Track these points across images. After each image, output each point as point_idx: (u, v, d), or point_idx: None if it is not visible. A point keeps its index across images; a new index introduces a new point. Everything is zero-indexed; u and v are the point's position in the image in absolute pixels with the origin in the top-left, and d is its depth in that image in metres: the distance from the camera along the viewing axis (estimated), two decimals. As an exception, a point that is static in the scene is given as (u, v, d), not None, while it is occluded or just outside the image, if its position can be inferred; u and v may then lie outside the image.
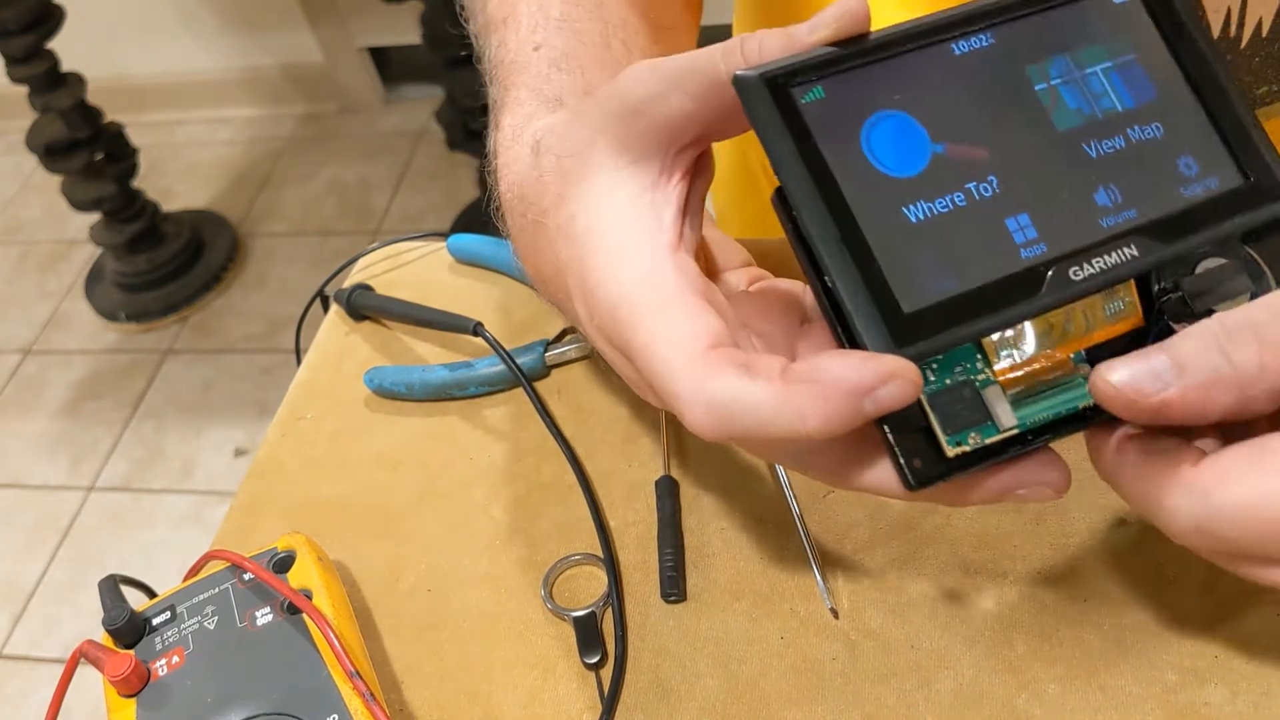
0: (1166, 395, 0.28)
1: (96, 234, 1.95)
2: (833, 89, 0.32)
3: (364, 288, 0.61)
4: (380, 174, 2.18)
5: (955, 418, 0.32)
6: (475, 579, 0.48)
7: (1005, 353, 0.32)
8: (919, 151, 0.32)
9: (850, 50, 0.32)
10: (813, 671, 0.43)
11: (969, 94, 0.32)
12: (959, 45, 0.33)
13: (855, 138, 0.31)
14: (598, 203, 0.33)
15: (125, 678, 0.42)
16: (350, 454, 0.55)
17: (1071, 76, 0.33)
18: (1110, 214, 0.32)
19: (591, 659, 0.44)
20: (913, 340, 0.30)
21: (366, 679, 0.42)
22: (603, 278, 0.32)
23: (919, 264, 0.31)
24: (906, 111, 0.32)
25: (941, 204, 0.31)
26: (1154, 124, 0.33)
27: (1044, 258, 0.31)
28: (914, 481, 0.31)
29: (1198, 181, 0.32)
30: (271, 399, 1.78)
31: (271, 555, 0.46)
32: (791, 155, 0.31)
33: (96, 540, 1.69)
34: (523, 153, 0.37)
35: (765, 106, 0.31)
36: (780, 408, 0.28)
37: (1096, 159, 0.32)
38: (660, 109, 0.32)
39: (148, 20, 2.25)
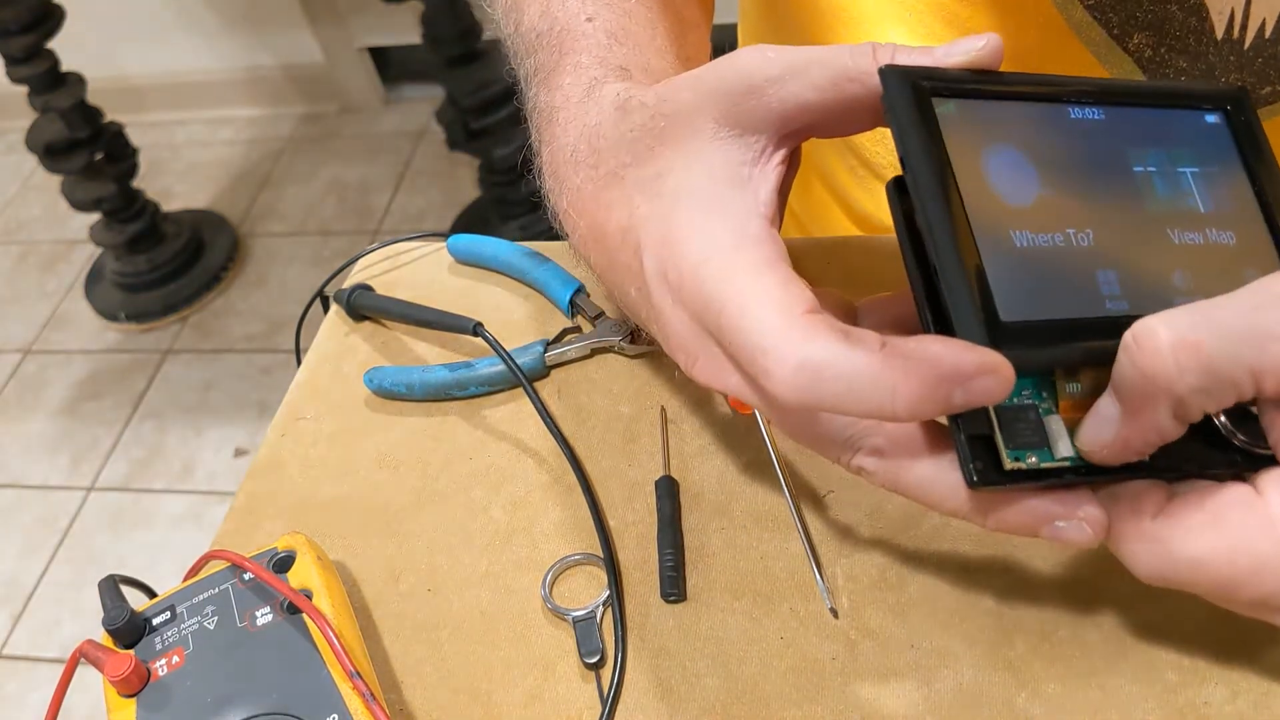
0: (1120, 435, 0.30)
1: (96, 234, 1.95)
2: (964, 108, 0.33)
3: (364, 288, 0.61)
4: (380, 174, 2.18)
5: (1018, 435, 0.32)
6: (475, 579, 0.48)
7: (1072, 387, 0.33)
8: (1029, 188, 0.33)
9: (983, 80, 0.34)
10: (813, 671, 0.43)
11: (1078, 154, 0.34)
12: (1076, 110, 0.35)
13: (978, 156, 0.33)
14: (695, 164, 0.33)
15: (125, 678, 0.42)
16: (350, 454, 0.55)
17: (1164, 169, 0.35)
18: (1182, 295, 0.33)
19: (591, 659, 0.44)
20: (1009, 345, 0.30)
21: (366, 679, 0.42)
22: (693, 233, 0.32)
23: (1020, 283, 0.32)
24: (1022, 151, 0.33)
25: (1044, 239, 0.32)
26: (1228, 232, 0.35)
27: (1125, 313, 0.32)
28: (976, 479, 0.32)
29: None
30: (271, 399, 1.78)
31: (271, 555, 0.46)
32: (924, 150, 0.32)
33: (96, 540, 1.69)
34: (603, 106, 0.37)
35: (905, 100, 0.32)
36: (875, 379, 0.28)
37: (1177, 245, 0.34)
38: (779, 91, 0.33)
39: (148, 20, 2.25)
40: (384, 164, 2.20)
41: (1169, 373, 0.28)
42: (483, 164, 1.87)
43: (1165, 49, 0.44)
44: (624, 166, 0.35)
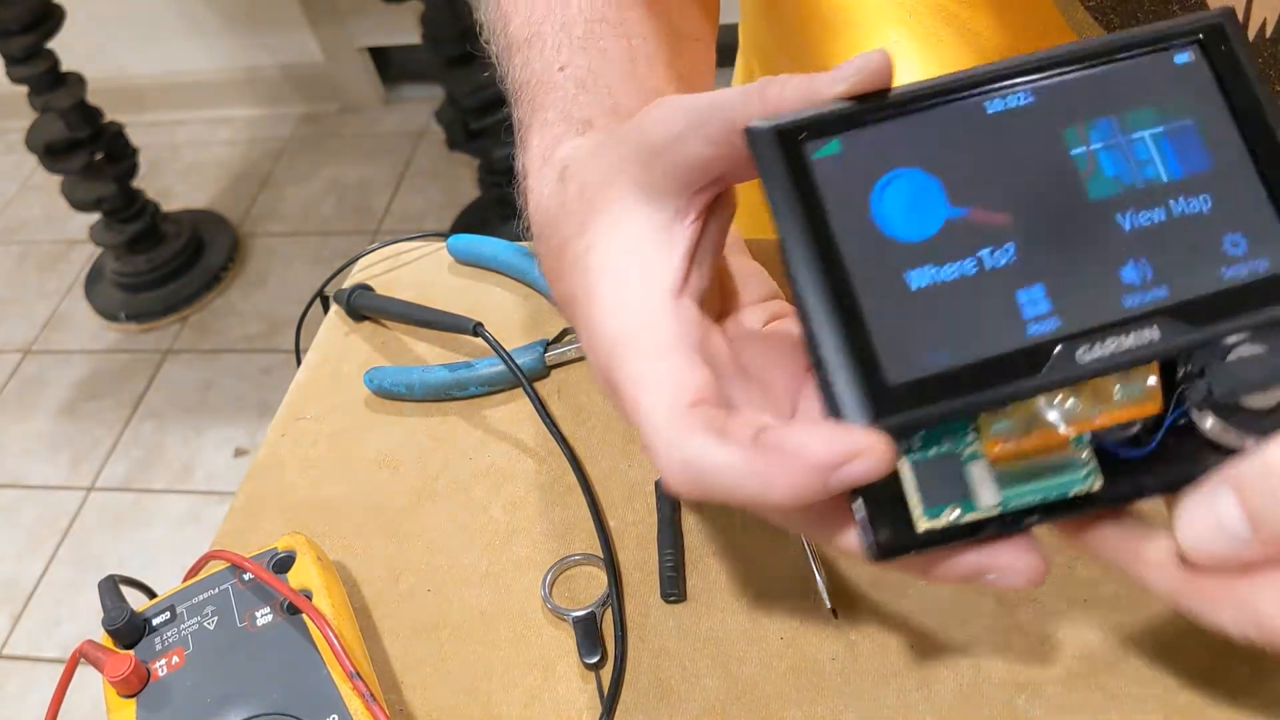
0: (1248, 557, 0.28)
1: (96, 234, 1.95)
2: (850, 143, 0.31)
3: (364, 288, 0.61)
4: (380, 174, 2.18)
5: (934, 491, 0.30)
6: (475, 579, 0.48)
7: (999, 426, 0.31)
8: (933, 213, 0.30)
9: (873, 104, 0.31)
10: (813, 672, 0.43)
11: (997, 155, 0.31)
12: (994, 103, 0.31)
13: (865, 196, 0.30)
14: (611, 238, 0.33)
15: (125, 678, 0.42)
16: (350, 454, 0.55)
17: (1114, 141, 0.31)
18: (1136, 291, 0.30)
19: (591, 659, 0.44)
20: (893, 412, 0.29)
21: (366, 679, 0.42)
22: (604, 315, 0.33)
23: (915, 333, 0.30)
24: (925, 170, 0.31)
25: (949, 271, 0.30)
26: (1202, 196, 0.31)
27: (1053, 334, 0.29)
28: (876, 554, 0.30)
29: (1244, 262, 0.30)
30: (271, 399, 1.78)
31: (271, 555, 0.46)
32: (793, 213, 0.30)
33: (96, 540, 1.69)
34: (550, 177, 0.37)
35: (773, 161, 0.30)
36: (749, 475, 0.29)
37: (1129, 231, 0.30)
38: (680, 151, 0.32)
39: (148, 20, 2.25)
40: (384, 164, 2.20)
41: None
42: (483, 164, 1.87)
43: None
44: (565, 240, 0.35)
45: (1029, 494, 0.30)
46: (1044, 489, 0.30)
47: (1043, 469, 0.31)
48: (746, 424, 0.30)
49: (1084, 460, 0.31)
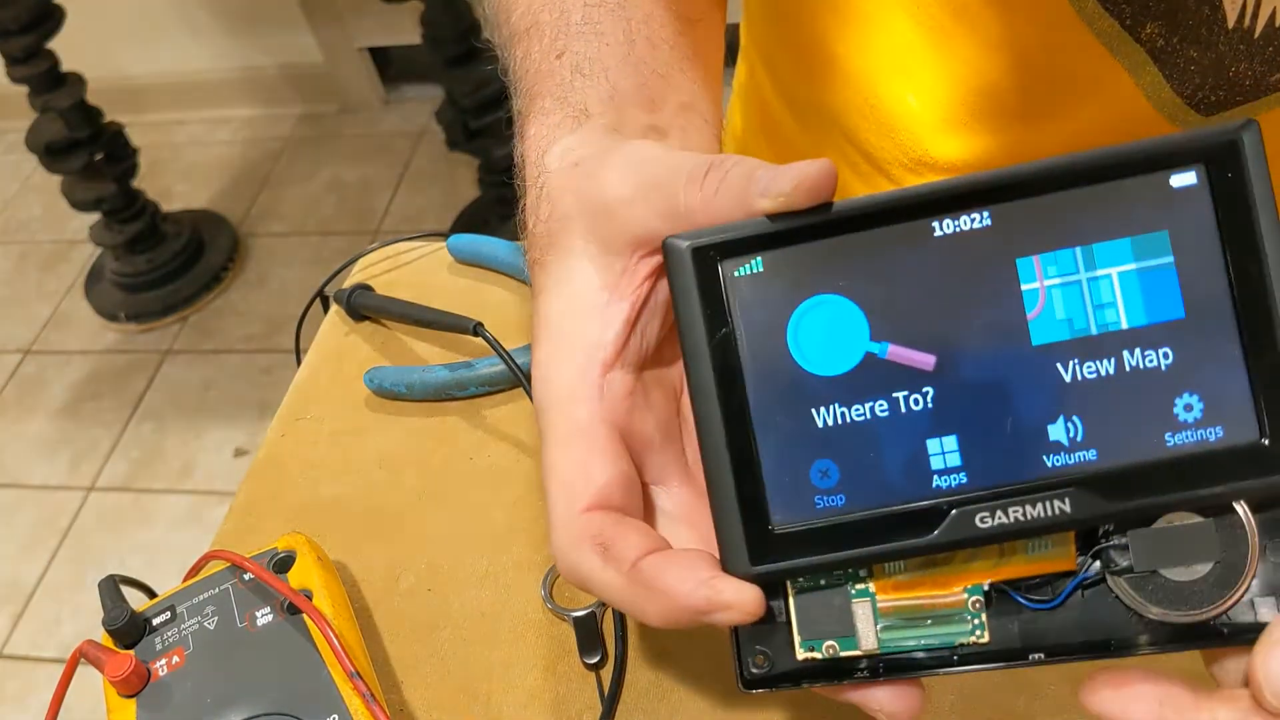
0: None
1: (96, 234, 1.95)
2: (774, 263, 0.29)
3: (364, 288, 0.61)
4: (380, 174, 2.18)
5: (816, 624, 0.30)
6: (475, 579, 0.48)
7: (894, 569, 0.30)
8: (853, 347, 0.28)
9: (808, 220, 0.29)
10: (813, 671, 0.43)
11: (935, 286, 0.28)
12: (943, 224, 0.28)
13: (783, 322, 0.29)
14: (561, 288, 0.34)
15: (125, 678, 0.42)
16: (350, 454, 0.55)
17: (1074, 277, 0.28)
18: (1062, 452, 0.28)
19: (591, 659, 0.44)
20: (773, 559, 0.28)
21: (366, 679, 0.42)
22: (538, 373, 0.33)
23: (811, 474, 0.28)
24: (851, 299, 0.28)
25: (859, 411, 0.28)
26: (1163, 349, 0.27)
27: (956, 493, 0.28)
28: (743, 684, 0.30)
29: (1194, 429, 0.27)
30: (271, 399, 1.78)
31: (271, 555, 0.46)
32: (699, 335, 0.29)
33: (96, 540, 1.69)
34: (535, 187, 0.37)
35: (684, 279, 0.29)
36: (625, 599, 0.30)
37: (1070, 383, 0.28)
38: (628, 214, 0.32)
39: (148, 20, 2.25)
40: (384, 164, 2.20)
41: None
42: (482, 164, 1.87)
43: (1178, 39, 0.44)
44: (533, 263, 0.36)
45: (912, 640, 0.30)
46: (929, 636, 0.30)
47: (930, 616, 0.30)
48: (633, 545, 0.30)
49: (972, 611, 0.30)
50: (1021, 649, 0.30)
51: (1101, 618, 0.30)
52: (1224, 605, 0.28)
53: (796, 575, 0.29)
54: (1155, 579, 0.29)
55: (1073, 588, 0.29)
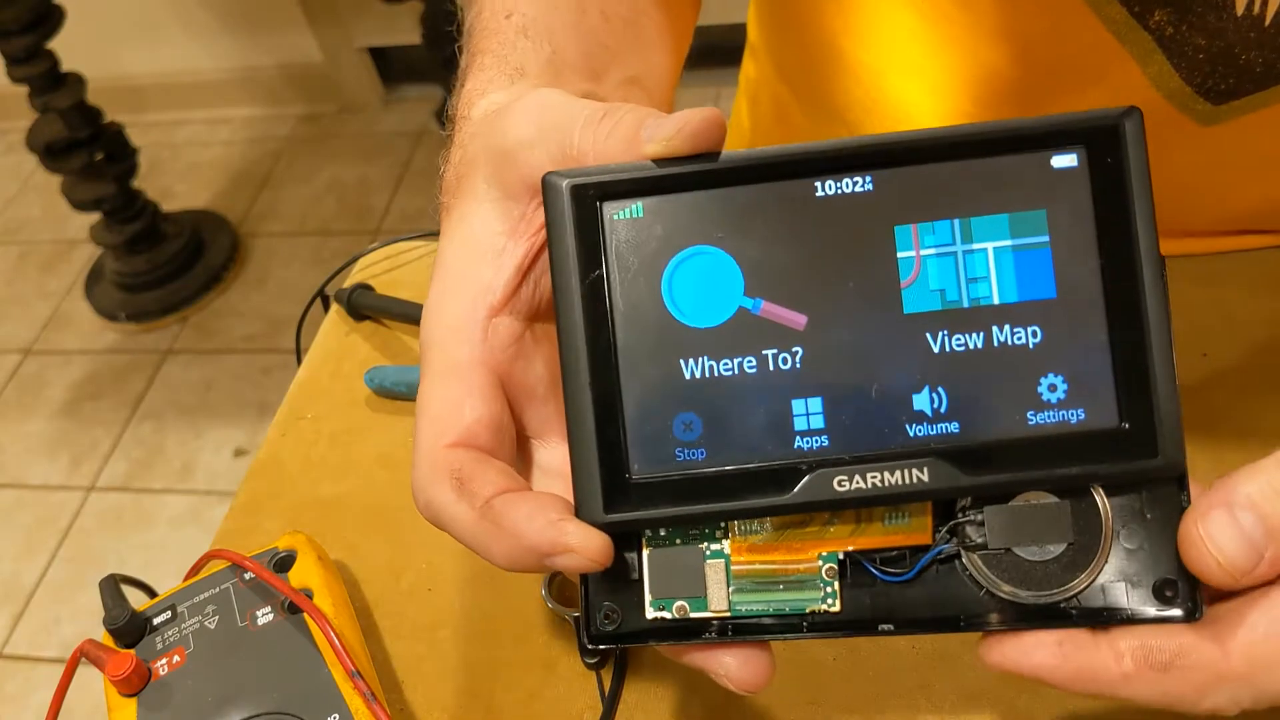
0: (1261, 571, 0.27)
1: (96, 234, 1.95)
2: (655, 209, 0.29)
3: (364, 287, 0.61)
4: (380, 174, 2.18)
5: (667, 583, 0.30)
6: (476, 578, 0.48)
7: (748, 529, 0.30)
8: (726, 301, 0.28)
9: (693, 169, 0.29)
10: (815, 672, 0.43)
11: (813, 247, 0.28)
12: (826, 185, 0.28)
13: (659, 270, 0.29)
14: (458, 229, 0.33)
15: (126, 677, 0.42)
16: (351, 453, 0.55)
17: (950, 249, 0.28)
18: (924, 422, 0.28)
19: (592, 659, 0.44)
20: (627, 509, 0.28)
21: (367, 678, 0.42)
22: (428, 311, 0.33)
23: (674, 426, 0.28)
24: (729, 252, 0.28)
25: (726, 366, 0.28)
26: (1032, 328, 0.28)
27: (816, 454, 0.28)
28: (588, 640, 0.30)
29: (1056, 409, 0.28)
30: (271, 399, 1.78)
31: (272, 555, 0.46)
32: (571, 278, 0.29)
33: (96, 540, 1.69)
34: (457, 136, 0.37)
35: (561, 216, 0.29)
36: (473, 536, 0.30)
37: (938, 354, 0.28)
38: (528, 158, 0.32)
39: (148, 20, 2.25)
40: (384, 164, 2.20)
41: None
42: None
43: (1186, 26, 0.44)
44: (440, 207, 0.36)
45: (763, 604, 0.30)
46: (779, 601, 0.30)
47: (783, 581, 0.30)
48: (489, 481, 0.30)
49: (825, 579, 0.30)
50: (871, 620, 0.30)
51: (954, 593, 0.30)
52: (1074, 587, 0.29)
53: (649, 527, 0.29)
54: (1008, 557, 0.29)
55: (926, 561, 0.30)
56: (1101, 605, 0.29)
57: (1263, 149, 0.48)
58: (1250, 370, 0.48)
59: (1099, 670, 0.28)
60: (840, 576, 0.30)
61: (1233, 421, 0.46)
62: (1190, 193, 0.48)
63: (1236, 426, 0.46)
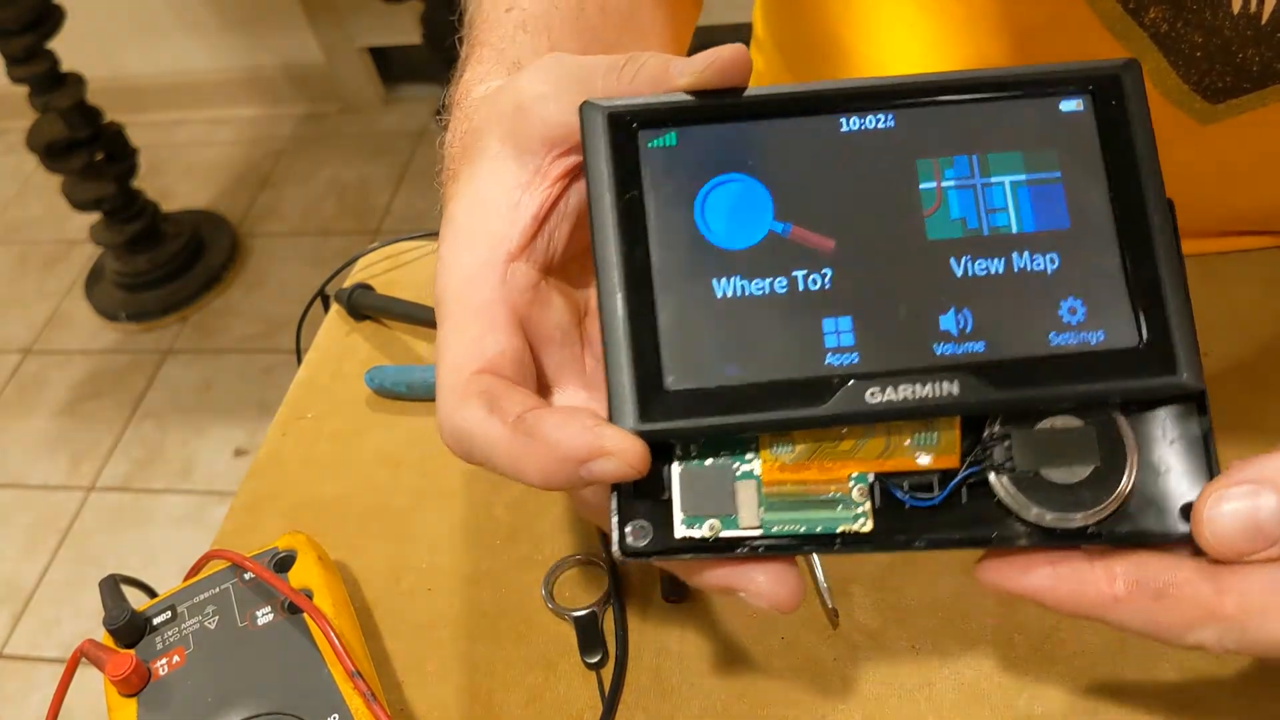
0: (1271, 553, 0.27)
1: (96, 234, 1.95)
2: (688, 138, 0.30)
3: (364, 287, 0.61)
4: (380, 174, 2.17)
5: (698, 501, 0.30)
6: (476, 578, 0.48)
7: (780, 449, 0.30)
8: (757, 225, 0.30)
9: (723, 102, 0.30)
10: (814, 672, 0.43)
11: (839, 176, 0.30)
12: (850, 121, 0.30)
13: (691, 195, 0.30)
14: (468, 188, 0.33)
15: (126, 677, 0.42)
16: (351, 453, 0.55)
17: (969, 181, 0.29)
18: (950, 341, 0.29)
19: (592, 659, 0.44)
20: (662, 418, 0.28)
21: (367, 678, 0.42)
22: (442, 265, 0.33)
23: (708, 342, 0.29)
24: (759, 179, 0.30)
25: (759, 285, 0.29)
26: (1050, 255, 0.29)
27: (848, 369, 0.28)
28: (619, 551, 0.30)
29: (1077, 331, 0.29)
30: (271, 399, 1.78)
31: (272, 555, 0.46)
32: (606, 197, 0.30)
33: (96, 540, 1.69)
34: (459, 117, 0.37)
35: (598, 141, 0.30)
36: (506, 452, 0.29)
37: (961, 278, 0.29)
38: (544, 112, 0.32)
39: (148, 20, 2.25)
40: (384, 164, 2.19)
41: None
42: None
43: (1181, 23, 0.44)
44: (445, 183, 0.36)
45: (794, 523, 0.30)
46: (811, 520, 0.30)
47: (814, 501, 0.30)
48: (518, 401, 0.30)
49: (857, 500, 0.30)
50: (904, 540, 0.30)
51: (982, 517, 0.30)
52: (1102, 510, 0.29)
53: (683, 437, 0.29)
54: (1036, 480, 0.29)
55: (955, 484, 0.30)
56: (1129, 529, 0.29)
57: (1263, 149, 0.48)
58: (1252, 369, 0.48)
59: (1091, 592, 0.28)
60: (870, 499, 0.30)
61: (1235, 420, 0.46)
62: (1191, 193, 0.48)
63: (1239, 425, 0.46)
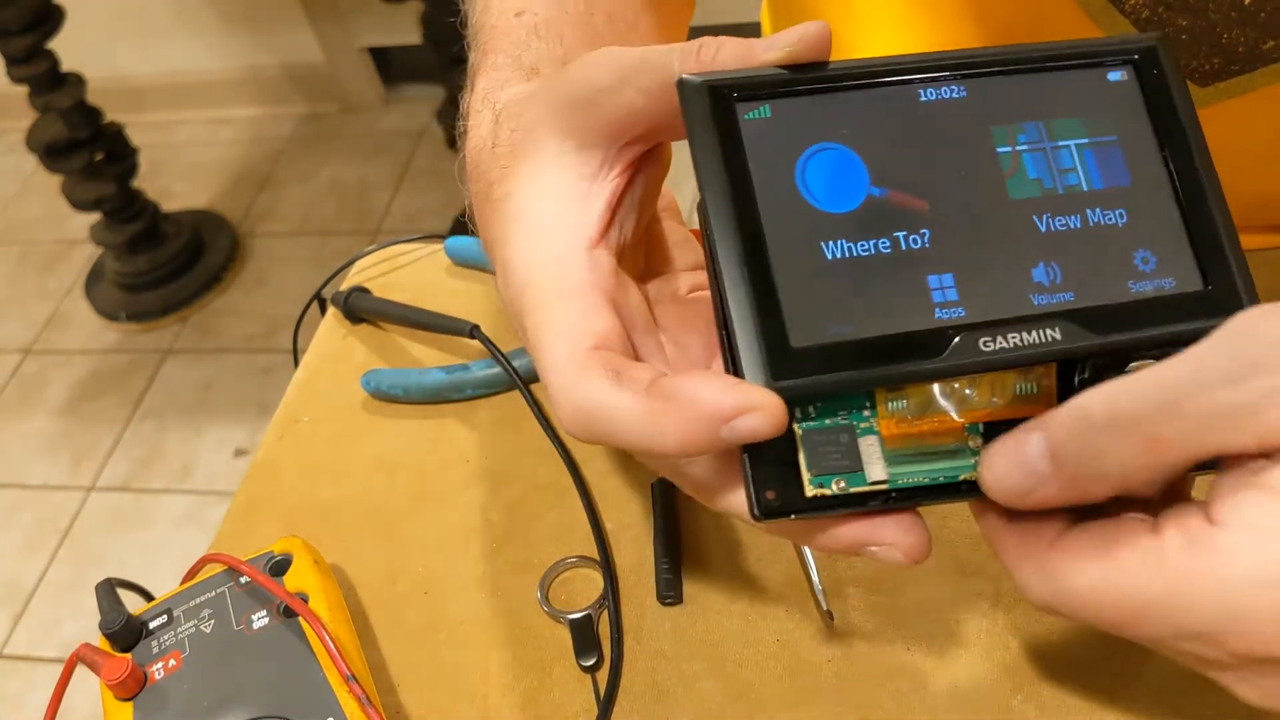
0: (1044, 494, 0.28)
1: (96, 234, 1.95)
2: (781, 110, 0.31)
3: (361, 290, 0.61)
4: (380, 174, 2.18)
5: (824, 459, 0.30)
6: (472, 582, 0.48)
7: (895, 405, 0.31)
8: (855, 190, 0.31)
9: (809, 75, 0.31)
10: (809, 674, 0.43)
11: (924, 143, 0.31)
12: (927, 91, 0.32)
13: (791, 164, 0.31)
14: (533, 184, 0.33)
15: (122, 681, 0.42)
16: (347, 457, 0.55)
17: (1040, 145, 0.32)
18: (1044, 292, 0.30)
19: (588, 661, 0.44)
20: (792, 376, 0.29)
21: (362, 682, 0.42)
22: (518, 258, 0.32)
23: (823, 302, 0.30)
24: (851, 148, 0.31)
25: (864, 247, 0.30)
26: (1118, 210, 0.32)
27: (957, 321, 0.30)
28: (759, 512, 0.30)
29: (1151, 279, 0.31)
30: (271, 399, 1.78)
31: (268, 558, 0.46)
32: (716, 168, 0.31)
33: (96, 540, 1.69)
34: (485, 119, 0.37)
35: (702, 114, 0.31)
36: (641, 420, 0.28)
37: (1045, 234, 0.31)
38: (611, 101, 0.32)
39: (148, 20, 2.25)
40: (384, 164, 2.20)
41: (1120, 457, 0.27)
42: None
43: (1163, 7, 0.43)
44: (490, 185, 0.35)
45: (918, 474, 0.31)
46: (933, 471, 0.31)
47: (934, 452, 0.31)
48: (644, 370, 0.30)
49: (974, 448, 0.31)
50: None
51: None
52: None
53: (814, 393, 0.30)
54: None
55: None
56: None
57: (1255, 138, 0.48)
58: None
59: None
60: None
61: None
62: None
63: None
